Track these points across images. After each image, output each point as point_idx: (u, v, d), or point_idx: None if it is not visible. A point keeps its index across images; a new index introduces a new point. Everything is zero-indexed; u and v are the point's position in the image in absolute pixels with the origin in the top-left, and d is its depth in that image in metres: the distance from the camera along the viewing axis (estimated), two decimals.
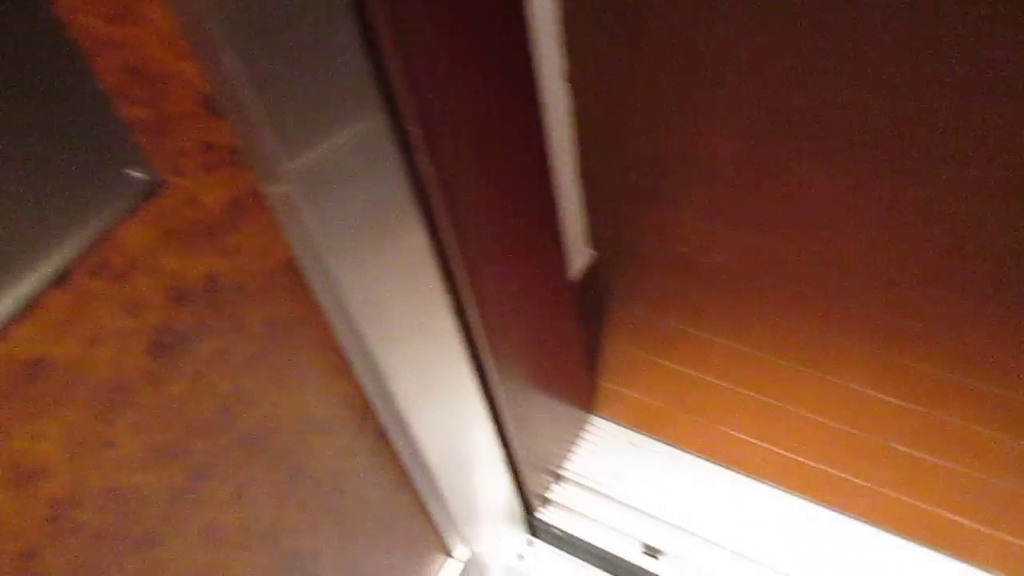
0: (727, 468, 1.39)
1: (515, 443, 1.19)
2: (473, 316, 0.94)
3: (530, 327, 1.13)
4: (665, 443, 1.43)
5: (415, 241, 0.82)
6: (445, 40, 0.75)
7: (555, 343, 1.25)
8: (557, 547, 1.37)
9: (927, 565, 1.25)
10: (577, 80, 1.33)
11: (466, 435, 1.08)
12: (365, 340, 0.80)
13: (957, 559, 1.26)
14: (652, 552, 1.32)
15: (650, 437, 1.44)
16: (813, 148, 1.84)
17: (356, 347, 0.81)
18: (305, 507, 0.85)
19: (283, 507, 0.82)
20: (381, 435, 0.93)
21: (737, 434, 1.42)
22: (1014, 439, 1.37)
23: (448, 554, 1.25)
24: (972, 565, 1.25)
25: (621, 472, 1.40)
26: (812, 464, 1.37)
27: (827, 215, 1.71)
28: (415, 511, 1.09)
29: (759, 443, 1.40)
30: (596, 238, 1.60)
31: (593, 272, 1.62)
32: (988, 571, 1.24)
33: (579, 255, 1.56)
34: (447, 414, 1.00)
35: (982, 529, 1.28)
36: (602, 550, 1.34)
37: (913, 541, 1.27)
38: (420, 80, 0.72)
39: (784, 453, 1.39)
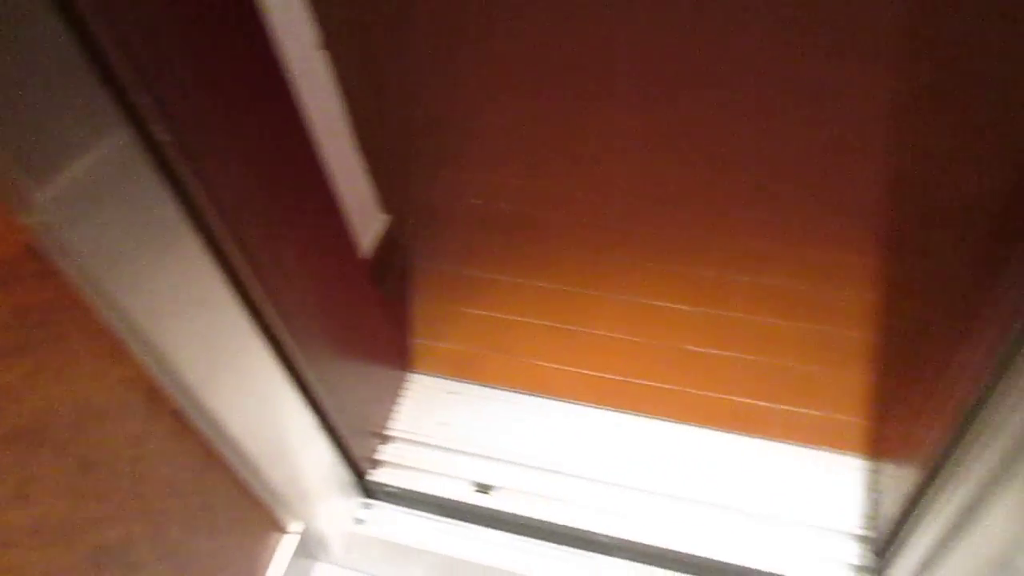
0: (541, 396, 1.46)
1: (331, 413, 1.21)
2: (255, 289, 0.95)
3: (322, 295, 1.14)
4: (482, 385, 1.49)
5: (168, 217, 0.82)
6: (164, 24, 0.75)
7: (353, 308, 1.27)
8: (394, 504, 1.40)
9: (729, 447, 1.38)
10: (339, 49, 1.35)
11: (275, 410, 1.08)
12: (134, 321, 0.79)
13: (754, 436, 1.39)
14: (483, 488, 1.38)
15: (468, 383, 1.50)
16: (574, 90, 1.95)
17: (127, 329, 0.80)
18: (104, 498, 0.84)
19: (78, 500, 0.80)
20: (178, 416, 0.93)
21: (546, 364, 1.50)
22: (788, 322, 1.52)
23: (282, 530, 1.25)
24: (768, 439, 1.39)
25: (445, 420, 1.45)
26: (616, 378, 1.47)
27: (593, 149, 1.83)
28: (234, 491, 1.09)
29: (567, 368, 1.49)
30: (389, 202, 1.63)
31: (392, 235, 1.65)
32: (782, 442, 1.38)
33: (373, 221, 1.59)
34: (248, 390, 1.00)
35: (771, 406, 1.42)
36: (437, 497, 1.38)
37: (714, 428, 1.40)
38: (143, 62, 0.72)
39: (590, 373, 1.48)
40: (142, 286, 0.78)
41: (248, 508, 1.13)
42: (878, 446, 1.36)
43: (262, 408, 1.04)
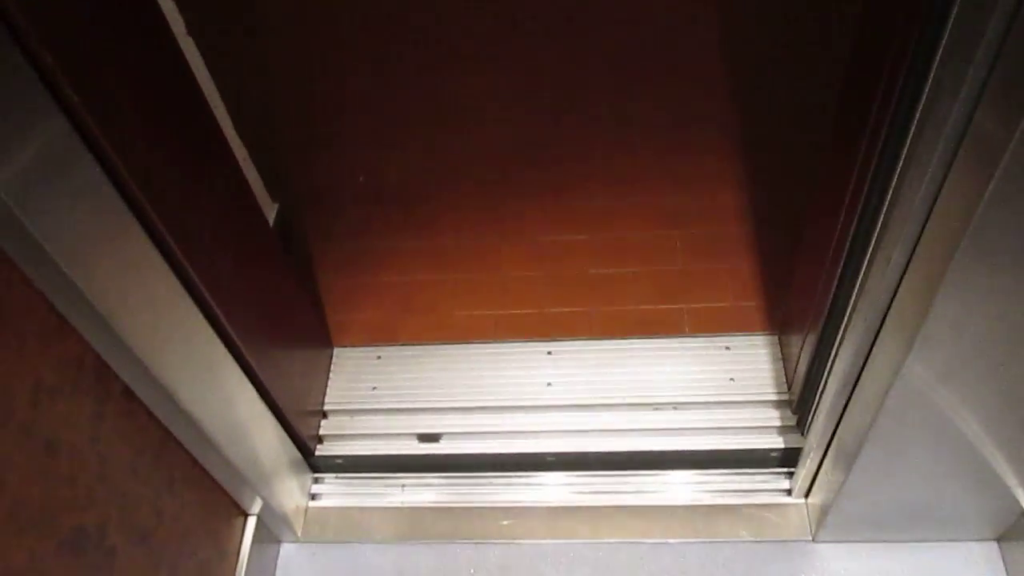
0: (466, 344, 1.51)
1: (272, 391, 1.22)
2: (182, 257, 0.95)
3: (246, 273, 1.15)
4: (406, 345, 1.52)
5: (100, 190, 0.82)
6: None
7: (274, 281, 1.28)
8: (344, 473, 1.42)
9: (648, 350, 1.47)
10: (205, 34, 1.36)
11: (222, 384, 1.08)
12: (80, 293, 0.78)
13: (669, 337, 1.48)
14: (428, 438, 1.42)
15: (391, 346, 1.53)
16: (428, 55, 2.01)
17: (71, 303, 0.80)
18: (74, 481, 0.83)
19: (50, 484, 0.80)
20: (129, 395, 0.92)
21: (463, 313, 1.55)
22: (676, 231, 1.63)
23: (244, 513, 1.25)
24: (681, 336, 1.48)
25: (377, 385, 1.48)
26: (531, 311, 1.54)
27: (461, 109, 1.90)
28: (195, 473, 1.09)
29: (483, 312, 1.54)
30: (275, 190, 1.64)
31: (284, 222, 1.66)
32: (693, 336, 1.48)
33: (265, 210, 1.59)
34: (194, 362, 1.00)
35: (677, 307, 1.52)
36: (384, 456, 1.41)
37: (631, 337, 1.48)
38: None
39: (506, 312, 1.54)
40: (84, 262, 0.78)
41: (210, 490, 1.13)
42: (779, 322, 1.48)
43: (210, 381, 1.04)
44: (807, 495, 1.31)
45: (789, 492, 1.32)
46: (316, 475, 1.42)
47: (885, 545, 1.25)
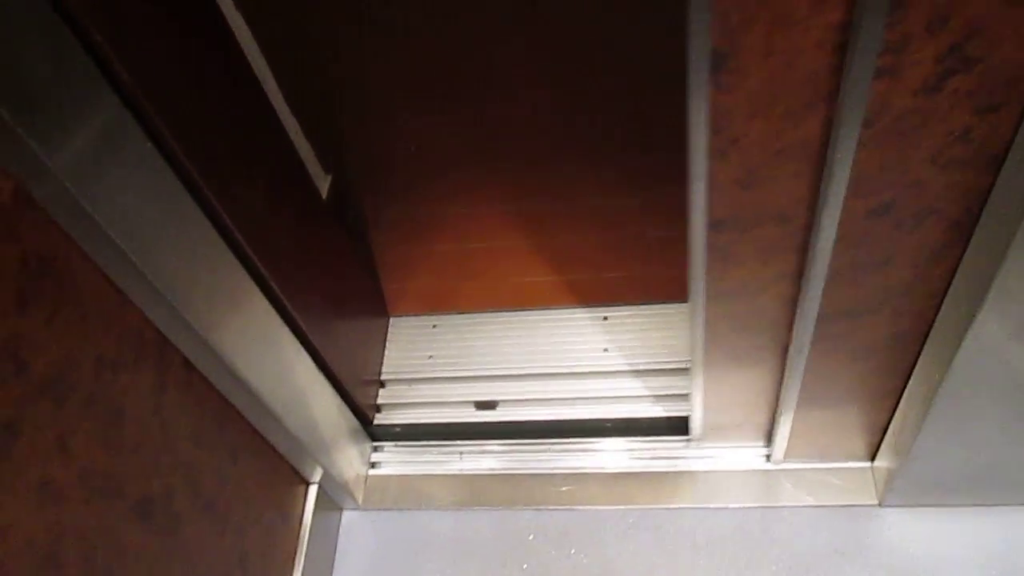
0: (523, 310, 1.50)
1: (329, 360, 1.23)
2: (233, 225, 0.96)
3: (300, 244, 1.17)
4: (462, 313, 1.52)
5: (159, 171, 0.84)
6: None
7: (328, 252, 1.29)
8: (403, 441, 1.43)
9: None
10: (254, 9, 1.36)
11: (279, 354, 1.10)
12: (138, 269, 0.80)
13: None
14: (485, 405, 1.42)
15: (448, 314, 1.53)
16: (489, 20, 1.97)
17: (129, 278, 0.81)
18: (139, 450, 0.86)
19: (116, 453, 0.82)
20: (190, 367, 0.94)
21: (518, 279, 1.54)
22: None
23: (305, 482, 1.27)
24: None
25: (434, 353, 1.48)
26: (589, 276, 1.52)
27: (516, 75, 1.86)
28: (255, 443, 1.11)
29: (540, 278, 1.53)
30: (328, 162, 1.64)
31: (338, 193, 1.67)
32: None
33: (319, 181, 1.60)
34: (252, 334, 1.02)
35: None
36: (441, 424, 1.42)
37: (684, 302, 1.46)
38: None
39: (564, 277, 1.52)
40: (141, 239, 0.80)
41: (271, 459, 1.15)
42: None
43: (267, 352, 1.06)
44: (873, 459, 1.27)
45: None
46: (375, 443, 1.44)
47: (953, 509, 1.22)
